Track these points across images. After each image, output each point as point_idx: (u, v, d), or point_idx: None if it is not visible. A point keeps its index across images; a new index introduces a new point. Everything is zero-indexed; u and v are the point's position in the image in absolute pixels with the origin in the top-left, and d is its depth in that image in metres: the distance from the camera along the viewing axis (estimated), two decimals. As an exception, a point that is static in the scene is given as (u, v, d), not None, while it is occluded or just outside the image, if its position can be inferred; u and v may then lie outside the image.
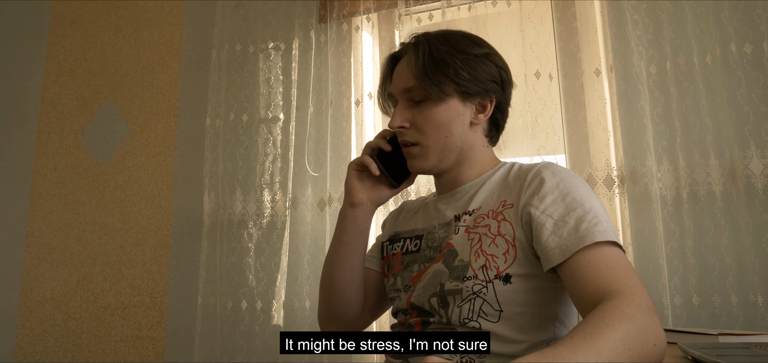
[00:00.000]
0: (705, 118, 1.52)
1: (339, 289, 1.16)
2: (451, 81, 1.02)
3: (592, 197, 0.95)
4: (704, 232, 1.49)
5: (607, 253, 0.87)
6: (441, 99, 1.03)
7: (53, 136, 2.40)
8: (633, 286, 0.80)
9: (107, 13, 2.43)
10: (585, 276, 0.85)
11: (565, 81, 1.70)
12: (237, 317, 1.88)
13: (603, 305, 0.77)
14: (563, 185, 0.96)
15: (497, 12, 1.79)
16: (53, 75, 2.46)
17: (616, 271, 0.84)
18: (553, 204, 0.94)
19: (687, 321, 1.48)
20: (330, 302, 1.19)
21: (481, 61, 1.05)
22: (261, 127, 1.98)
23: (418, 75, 1.03)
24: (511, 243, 0.96)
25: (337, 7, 1.95)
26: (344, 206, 1.15)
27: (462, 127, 1.05)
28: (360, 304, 1.19)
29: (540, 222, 0.93)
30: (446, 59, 1.03)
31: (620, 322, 0.73)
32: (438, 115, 1.04)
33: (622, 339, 0.71)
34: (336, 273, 1.16)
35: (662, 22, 1.61)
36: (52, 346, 2.19)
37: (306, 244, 1.85)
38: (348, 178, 1.15)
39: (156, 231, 2.14)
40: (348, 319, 1.20)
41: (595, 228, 0.88)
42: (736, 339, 0.99)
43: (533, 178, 0.99)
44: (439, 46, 1.04)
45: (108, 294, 2.16)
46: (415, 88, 1.04)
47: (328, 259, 1.19)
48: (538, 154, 1.65)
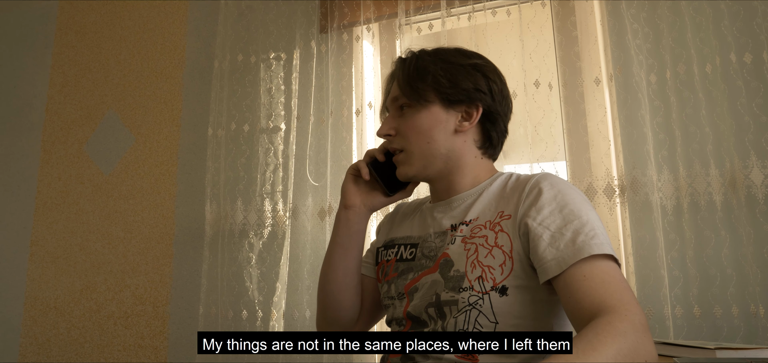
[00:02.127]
0: (705, 128, 1.51)
1: (333, 291, 1.18)
2: (431, 88, 1.06)
3: (589, 209, 0.95)
4: (705, 242, 1.48)
5: (602, 267, 0.87)
6: (422, 105, 1.07)
7: (57, 145, 2.42)
8: (627, 303, 0.81)
9: (111, 23, 2.45)
10: (580, 290, 0.85)
11: (565, 90, 1.69)
12: (238, 326, 1.88)
13: (596, 321, 0.77)
14: (561, 197, 0.96)
15: (497, 21, 1.80)
16: (58, 85, 2.48)
17: (610, 286, 0.85)
18: (551, 216, 0.94)
19: (688, 332, 1.47)
20: (325, 306, 1.20)
21: (465, 70, 1.08)
22: (262, 136, 1.99)
23: (402, 84, 1.09)
24: (508, 254, 0.96)
25: (337, 17, 1.96)
26: (339, 208, 1.19)
27: (445, 134, 1.07)
28: (356, 309, 1.20)
29: (537, 233, 0.93)
30: (428, 68, 1.07)
31: (613, 338, 0.73)
32: (420, 121, 1.07)
33: (615, 355, 0.72)
34: (330, 275, 1.18)
35: (662, 31, 1.60)
36: (56, 354, 2.20)
37: (306, 254, 1.85)
38: (344, 181, 1.20)
39: (159, 240, 2.15)
40: (344, 324, 1.21)
41: (591, 241, 0.89)
42: (734, 354, 0.98)
43: (531, 189, 0.99)
44: (424, 58, 1.10)
45: (111, 303, 2.17)
46: (400, 97, 1.09)
47: (324, 263, 1.21)
48: (538, 163, 1.65)
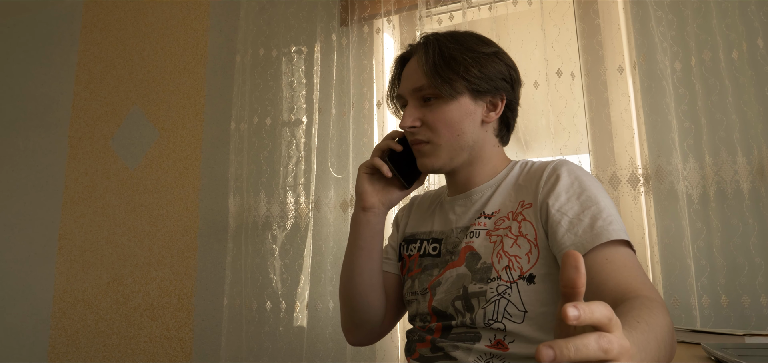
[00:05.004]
0: (731, 115, 1.49)
1: (360, 294, 1.15)
2: (462, 78, 1.02)
3: (605, 196, 0.96)
4: (732, 231, 1.46)
5: (622, 252, 0.88)
6: (452, 97, 1.02)
7: (84, 141, 2.46)
8: (650, 287, 0.82)
9: (135, 21, 2.49)
10: (604, 272, 0.85)
11: (588, 79, 1.68)
12: (262, 318, 1.90)
13: (637, 298, 0.76)
14: (578, 184, 0.96)
15: (518, 11, 1.79)
16: (83, 82, 2.53)
17: (634, 271, 0.85)
18: (568, 202, 0.94)
19: (715, 322, 1.45)
20: (353, 309, 1.18)
21: (491, 59, 1.05)
22: (284, 129, 2.00)
23: (429, 73, 1.02)
24: (533, 243, 0.96)
25: (358, 10, 1.96)
26: (356, 211, 1.14)
27: (473, 126, 1.05)
28: (382, 307, 1.19)
29: (555, 220, 0.93)
30: (457, 57, 1.02)
31: (661, 312, 0.73)
32: (450, 114, 1.03)
33: (663, 327, 0.70)
34: (356, 279, 1.15)
35: (686, 18, 1.58)
36: (84, 347, 2.25)
37: (329, 246, 1.87)
38: (359, 182, 1.14)
39: (183, 233, 2.18)
40: (372, 324, 1.19)
41: (609, 226, 0.89)
42: (764, 340, 0.97)
43: (550, 175, 0.99)
44: (448, 45, 1.04)
45: (137, 295, 2.21)
46: (425, 86, 1.04)
47: (345, 267, 1.18)
48: (560, 153, 1.64)
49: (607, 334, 0.45)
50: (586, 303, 0.45)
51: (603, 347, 0.44)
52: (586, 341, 0.44)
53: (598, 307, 0.45)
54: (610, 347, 0.44)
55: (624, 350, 0.46)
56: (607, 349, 0.44)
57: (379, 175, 1.14)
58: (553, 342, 0.43)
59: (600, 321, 0.46)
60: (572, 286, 0.47)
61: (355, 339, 1.23)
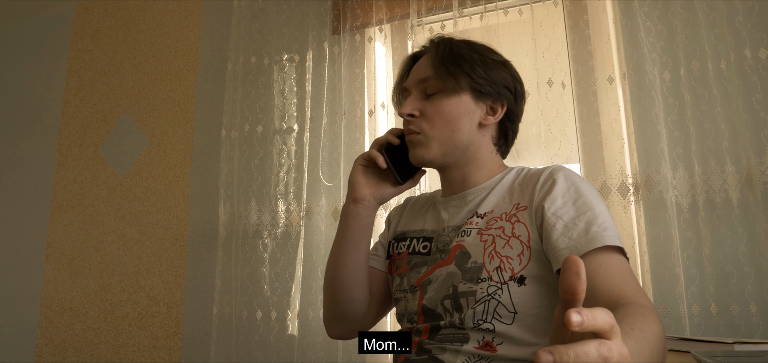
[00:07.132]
0: (720, 125, 1.50)
1: (343, 287, 1.15)
2: (467, 75, 1.04)
3: (600, 203, 0.97)
4: (721, 240, 1.47)
5: (616, 258, 0.89)
6: (454, 91, 1.05)
7: (73, 148, 2.44)
8: (644, 296, 0.82)
9: (126, 27, 2.48)
10: (597, 276, 0.86)
11: (578, 89, 1.69)
12: (252, 327, 1.89)
13: (630, 305, 0.77)
14: (574, 189, 0.97)
15: (509, 21, 1.80)
16: (73, 88, 2.52)
17: (627, 278, 0.85)
18: (564, 206, 0.95)
19: (705, 330, 1.45)
20: (335, 301, 1.17)
21: (498, 66, 1.09)
22: (275, 137, 2.00)
23: (436, 65, 1.05)
24: (526, 244, 0.97)
25: (350, 19, 1.97)
26: (347, 202, 1.15)
27: (470, 125, 1.06)
28: (365, 302, 1.18)
29: (550, 223, 0.94)
30: (465, 55, 1.06)
31: (654, 320, 0.73)
32: (448, 107, 1.05)
33: (656, 334, 0.70)
34: (340, 271, 1.15)
35: (675, 29, 1.60)
36: (72, 356, 2.22)
37: (320, 254, 1.86)
38: (353, 173, 1.14)
39: (173, 241, 2.17)
40: (353, 319, 1.19)
41: (604, 232, 0.90)
42: (753, 347, 0.97)
43: (546, 179, 1.00)
44: (459, 45, 1.09)
45: (126, 304, 2.19)
46: (430, 78, 1.06)
47: (331, 258, 1.18)
48: (551, 162, 1.65)
49: (607, 341, 0.45)
50: (589, 309, 0.45)
51: (603, 354, 0.44)
52: (586, 348, 0.44)
53: (600, 314, 0.45)
54: (610, 355, 0.45)
55: (623, 358, 0.46)
56: (607, 357, 0.44)
57: (374, 168, 1.14)
58: (553, 347, 0.43)
59: (602, 328, 0.46)
60: (573, 291, 0.47)
61: (335, 332, 1.22)
